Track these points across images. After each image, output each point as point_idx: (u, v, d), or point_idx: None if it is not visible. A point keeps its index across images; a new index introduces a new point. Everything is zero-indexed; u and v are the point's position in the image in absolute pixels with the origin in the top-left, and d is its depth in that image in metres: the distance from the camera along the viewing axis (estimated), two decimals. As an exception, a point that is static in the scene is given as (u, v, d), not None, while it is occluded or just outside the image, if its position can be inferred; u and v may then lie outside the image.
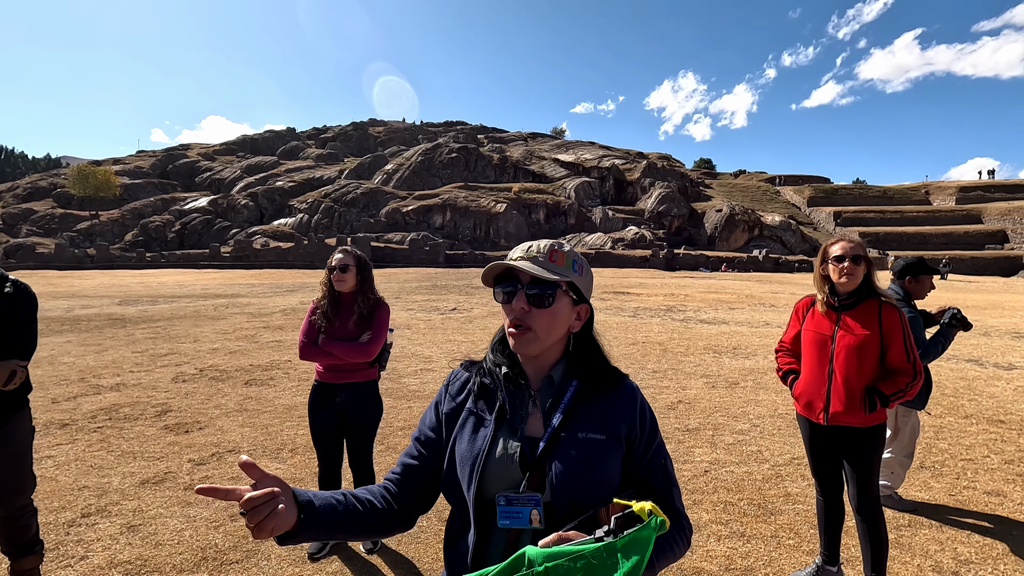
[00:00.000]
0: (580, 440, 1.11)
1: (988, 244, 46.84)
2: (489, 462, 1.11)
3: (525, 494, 1.07)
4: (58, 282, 25.20)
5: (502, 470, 1.10)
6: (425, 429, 1.25)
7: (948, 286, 27.31)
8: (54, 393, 6.05)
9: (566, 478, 1.07)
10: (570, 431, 1.12)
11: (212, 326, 11.13)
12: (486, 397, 1.19)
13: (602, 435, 1.12)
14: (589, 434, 1.12)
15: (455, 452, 1.17)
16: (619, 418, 1.16)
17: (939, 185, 63.68)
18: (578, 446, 1.10)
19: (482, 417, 1.17)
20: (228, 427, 4.97)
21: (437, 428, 1.23)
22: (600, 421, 1.14)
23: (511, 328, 1.14)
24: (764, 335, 10.38)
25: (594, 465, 1.10)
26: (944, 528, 3.28)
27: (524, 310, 1.12)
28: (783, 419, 5.30)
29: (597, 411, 1.15)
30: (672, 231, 51.62)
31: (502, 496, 1.08)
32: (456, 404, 1.22)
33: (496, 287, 1.17)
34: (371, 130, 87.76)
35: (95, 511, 3.38)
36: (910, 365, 2.39)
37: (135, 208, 53.18)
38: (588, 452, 1.10)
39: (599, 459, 1.11)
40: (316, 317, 3.01)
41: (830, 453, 2.59)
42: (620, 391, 1.20)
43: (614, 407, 1.17)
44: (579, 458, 1.09)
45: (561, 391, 1.16)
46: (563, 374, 1.18)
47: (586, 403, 1.16)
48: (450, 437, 1.20)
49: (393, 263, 40.08)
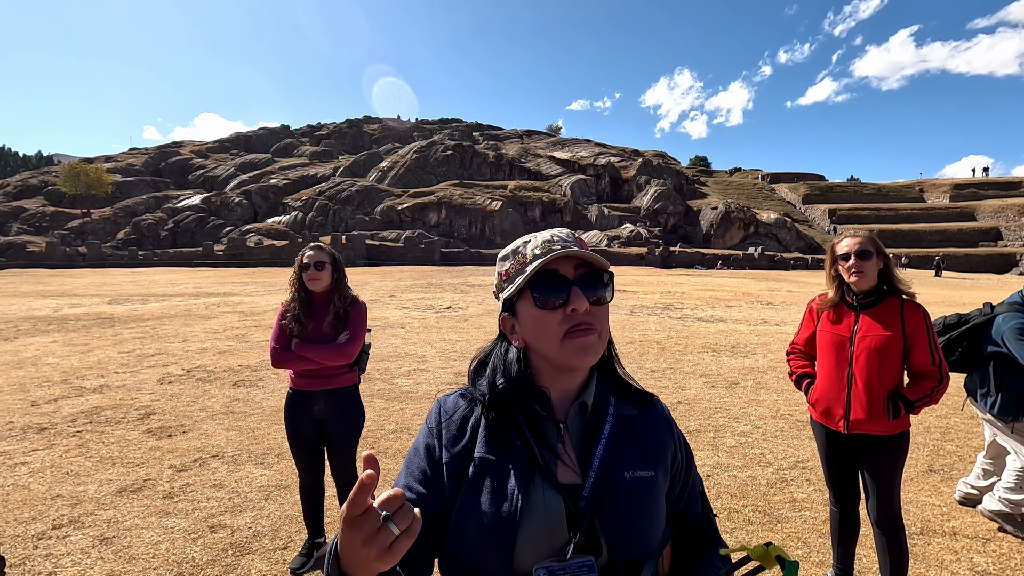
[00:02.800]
0: (629, 481, 0.91)
1: (982, 241, 47.04)
2: (524, 526, 0.86)
3: (575, 560, 0.85)
4: (48, 281, 24.87)
5: (542, 534, 0.86)
6: (414, 484, 0.92)
7: (943, 283, 27.35)
8: (35, 395, 5.86)
9: (623, 531, 0.88)
10: (615, 471, 0.91)
11: (202, 325, 10.92)
12: (499, 437, 0.92)
13: (651, 471, 0.93)
14: (637, 472, 0.92)
15: (466, 517, 0.88)
16: (663, 447, 0.98)
17: (933, 183, 63.89)
18: (627, 487, 0.91)
19: (503, 466, 0.90)
20: (213, 431, 4.79)
21: (434, 481, 0.92)
22: (646, 454, 0.95)
23: (577, 333, 0.88)
24: (762, 333, 10.26)
25: (649, 509, 0.91)
26: (958, 536, 3.15)
27: (589, 310, 0.89)
28: (785, 420, 5.17)
29: (639, 441, 0.96)
30: (668, 229, 51.59)
31: (542, 569, 0.84)
32: (460, 449, 0.93)
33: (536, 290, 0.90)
34: (366, 128, 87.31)
35: (67, 522, 3.20)
36: (936, 368, 2.23)
37: (127, 206, 52.68)
38: (640, 494, 0.91)
39: (652, 500, 0.92)
40: (287, 321, 2.79)
41: (848, 462, 2.43)
42: (654, 413, 1.00)
43: (655, 434, 0.98)
44: (632, 503, 0.90)
45: (597, 420, 0.95)
46: (597, 398, 0.97)
47: (626, 432, 0.96)
48: (455, 494, 0.91)
49: (388, 261, 39.84)
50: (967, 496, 3.56)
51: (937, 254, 40.28)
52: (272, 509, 3.39)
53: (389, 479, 3.86)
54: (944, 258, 39.37)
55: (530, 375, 0.96)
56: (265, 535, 3.10)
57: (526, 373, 0.96)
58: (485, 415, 0.94)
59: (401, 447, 4.43)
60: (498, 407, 0.94)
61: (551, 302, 0.89)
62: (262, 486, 3.72)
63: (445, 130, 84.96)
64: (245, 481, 3.79)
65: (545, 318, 0.89)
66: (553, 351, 0.90)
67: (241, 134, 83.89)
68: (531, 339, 0.94)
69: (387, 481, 3.83)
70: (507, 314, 0.98)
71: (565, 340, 0.88)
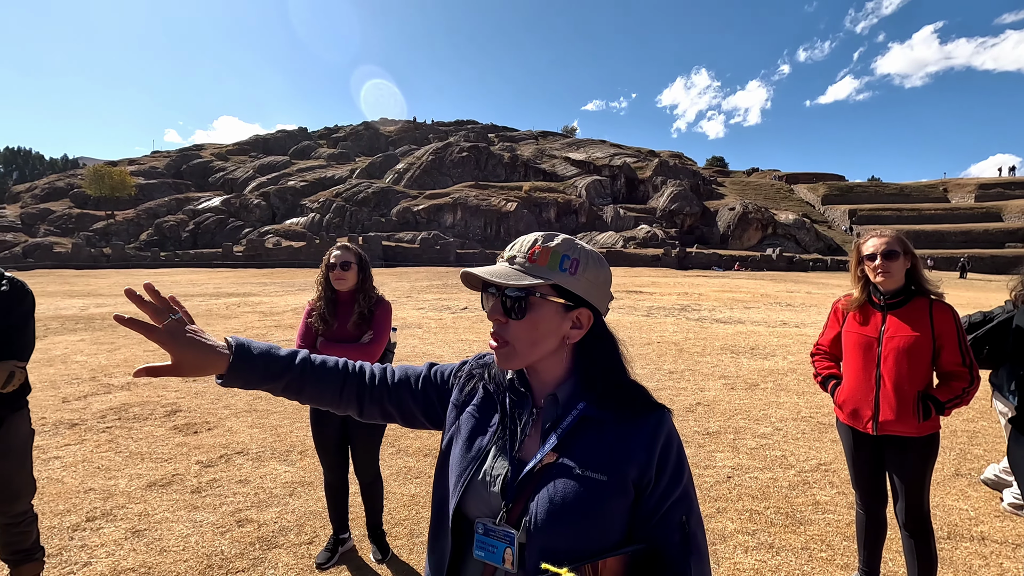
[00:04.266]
0: (576, 476, 0.91)
1: (1008, 242, 45.87)
2: (473, 480, 0.98)
3: (501, 528, 0.93)
4: (74, 281, 25.49)
5: (483, 492, 0.97)
6: (443, 374, 1.16)
7: (968, 285, 26.75)
8: (65, 392, 6.02)
9: (548, 519, 0.89)
10: (565, 463, 0.93)
11: (224, 325, 11.11)
12: (488, 404, 1.06)
13: (603, 475, 0.91)
14: (588, 471, 0.91)
15: (445, 449, 1.07)
16: (629, 457, 0.93)
17: (958, 182, 62.54)
18: (571, 483, 0.91)
19: (482, 425, 1.03)
20: (237, 428, 4.89)
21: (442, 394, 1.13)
22: (604, 457, 0.93)
23: (491, 342, 1.00)
24: (782, 335, 10.14)
25: (587, 510, 0.90)
26: (986, 542, 3.09)
27: (500, 321, 0.97)
28: (806, 422, 5.11)
29: (603, 444, 0.94)
30: (684, 230, 51.18)
31: (480, 523, 0.95)
32: (463, 397, 1.09)
33: (482, 294, 1.03)
34: (382, 129, 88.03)
35: (100, 515, 3.30)
36: (966, 369, 2.20)
37: (150, 208, 53.76)
38: (582, 492, 0.90)
39: (594, 504, 0.90)
40: (313, 319, 2.82)
41: (876, 464, 2.40)
42: (638, 423, 0.96)
43: (626, 442, 0.94)
44: (569, 498, 0.90)
45: (563, 413, 0.98)
46: (570, 394, 0.99)
47: (591, 432, 0.95)
48: (449, 426, 1.09)
49: (404, 262, 40.11)
50: (992, 481, 3.68)
51: (962, 255, 39.41)
52: (297, 505, 3.45)
53: (411, 476, 3.90)
54: (969, 259, 38.51)
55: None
56: (291, 530, 3.16)
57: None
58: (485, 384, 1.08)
59: (422, 445, 4.48)
60: (491, 380, 1.07)
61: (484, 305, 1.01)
62: (286, 482, 3.78)
63: (461, 132, 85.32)
64: (270, 477, 3.86)
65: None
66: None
67: (260, 136, 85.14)
68: None
69: (408, 477, 3.87)
70: None
71: (490, 344, 1.01)
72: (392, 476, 3.88)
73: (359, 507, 3.20)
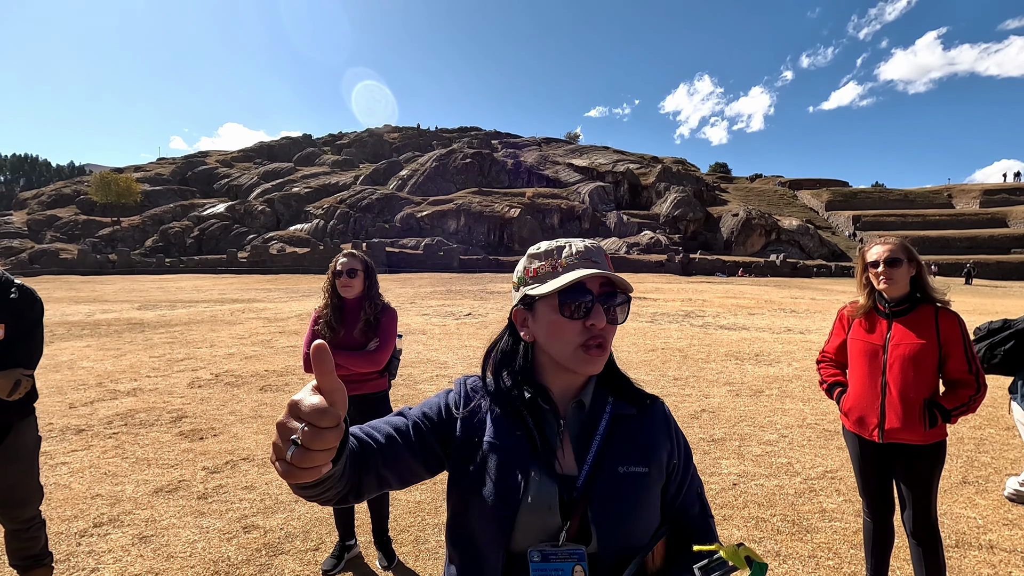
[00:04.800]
0: (622, 476, 0.95)
1: (1014, 248, 45.68)
2: (522, 510, 0.91)
3: (566, 547, 0.90)
4: (80, 287, 25.63)
5: (537, 519, 0.91)
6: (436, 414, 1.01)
7: (973, 291, 26.63)
8: (72, 398, 6.05)
9: (613, 523, 0.92)
10: (609, 465, 0.96)
11: (228, 331, 11.16)
12: (505, 426, 0.98)
13: (644, 467, 0.97)
14: (631, 467, 0.96)
15: (472, 496, 0.95)
16: (658, 445, 1.01)
17: (962, 188, 62.37)
18: (620, 483, 0.95)
19: (510, 451, 0.95)
20: (242, 434, 4.90)
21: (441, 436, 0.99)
22: (640, 451, 0.99)
23: (592, 348, 0.94)
24: (786, 341, 10.12)
25: (640, 503, 0.95)
26: (995, 550, 3.07)
27: (611, 327, 0.96)
28: (812, 429, 5.09)
29: (635, 439, 1.00)
30: (688, 236, 51.16)
31: (536, 551, 0.90)
32: (473, 429, 0.99)
33: (564, 298, 0.95)
34: (386, 136, 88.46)
35: (107, 520, 3.31)
36: (972, 376, 2.19)
37: (155, 214, 54.10)
38: (632, 489, 0.95)
39: (644, 496, 0.96)
40: (319, 326, 2.85)
41: (882, 472, 2.40)
42: (653, 413, 1.05)
43: (651, 433, 1.02)
44: (624, 497, 0.94)
45: (594, 417, 1.00)
46: (593, 396, 1.02)
47: (622, 430, 1.00)
48: (462, 463, 0.98)
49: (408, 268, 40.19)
50: (1015, 495, 3.63)
51: (967, 261, 39.24)
52: (303, 511, 3.46)
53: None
54: (975, 265, 38.33)
55: (533, 370, 1.02)
56: (297, 536, 3.16)
57: (530, 368, 1.02)
58: (495, 405, 1.00)
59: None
60: (503, 401, 1.00)
61: (575, 313, 0.94)
62: (292, 488, 3.79)
63: (464, 138, 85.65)
64: (276, 483, 3.87)
65: (566, 326, 0.95)
66: (564, 356, 0.96)
67: (264, 143, 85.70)
68: (543, 339, 0.99)
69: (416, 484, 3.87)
70: (522, 307, 1.03)
71: (578, 351, 0.95)
72: (397, 483, 3.89)
73: (365, 514, 3.21)
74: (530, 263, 1.02)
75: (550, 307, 0.96)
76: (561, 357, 0.96)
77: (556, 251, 0.99)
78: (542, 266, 0.99)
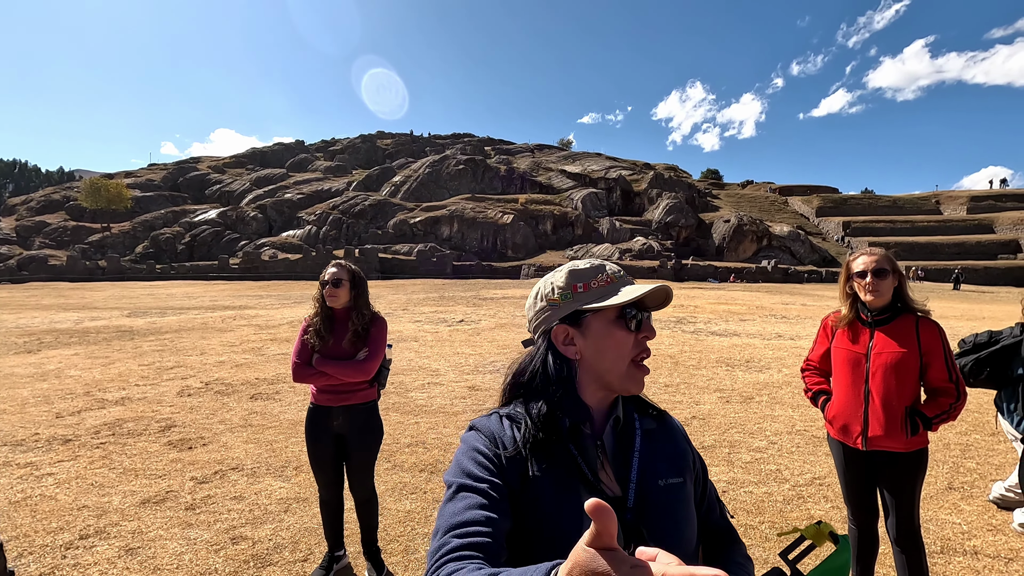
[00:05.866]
0: (664, 489, 0.96)
1: (1001, 254, 46.24)
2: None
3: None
4: (69, 294, 25.38)
5: None
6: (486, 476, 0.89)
7: (962, 296, 26.91)
8: (59, 407, 5.99)
9: (670, 537, 0.93)
10: (651, 480, 0.96)
11: (219, 338, 11.09)
12: (547, 456, 0.92)
13: (680, 478, 1.00)
14: (669, 479, 0.98)
15: (529, 538, 0.88)
16: (684, 454, 1.04)
17: (950, 195, 63.11)
18: (665, 496, 0.96)
19: (556, 484, 0.90)
20: (232, 443, 4.87)
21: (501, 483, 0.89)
22: (672, 462, 1.01)
23: (641, 363, 0.97)
24: (777, 347, 10.18)
25: (684, 513, 0.97)
26: (980, 556, 3.11)
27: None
28: (801, 436, 5.13)
29: (665, 451, 1.02)
30: (680, 242, 51.41)
31: None
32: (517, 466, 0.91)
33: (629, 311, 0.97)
34: (379, 142, 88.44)
35: (93, 532, 3.28)
36: (953, 384, 2.24)
37: (146, 220, 53.72)
38: (675, 500, 0.97)
39: (686, 506, 0.98)
40: (309, 336, 2.85)
41: (866, 480, 2.43)
42: (670, 425, 1.07)
43: (676, 443, 1.05)
44: (672, 510, 0.95)
45: (627, 433, 1.00)
46: (625, 413, 1.02)
47: (652, 444, 1.01)
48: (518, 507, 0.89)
49: (401, 274, 40.11)
50: (1000, 499, 3.69)
51: (955, 267, 39.67)
52: (292, 521, 3.44)
53: (406, 491, 3.90)
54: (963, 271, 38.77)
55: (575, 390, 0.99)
56: (285, 547, 3.15)
57: (573, 389, 0.98)
58: (535, 435, 0.93)
59: (417, 460, 4.47)
60: (548, 429, 0.94)
61: (634, 326, 0.97)
62: (281, 499, 3.77)
63: (457, 144, 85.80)
64: (265, 493, 3.85)
65: (625, 340, 0.96)
66: (618, 372, 0.96)
67: (256, 149, 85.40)
68: (596, 355, 0.97)
69: (403, 492, 3.86)
70: (567, 324, 0.98)
71: (631, 366, 0.97)
72: (387, 492, 3.88)
73: (354, 523, 3.20)
74: (577, 280, 0.99)
75: (606, 320, 0.97)
76: (613, 373, 0.96)
77: (601, 268, 1.01)
78: (596, 280, 0.98)
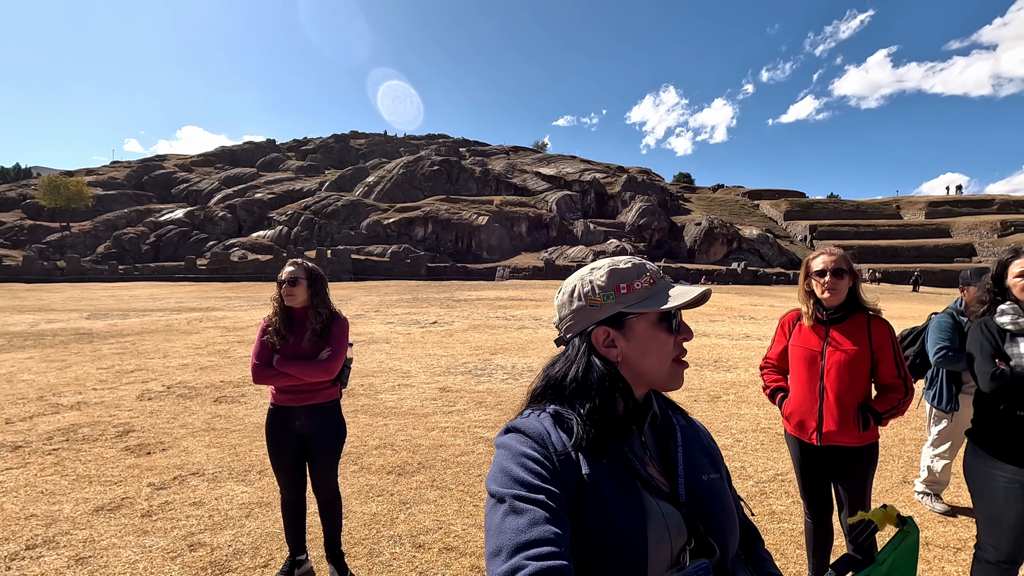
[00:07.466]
0: (707, 483, 0.96)
1: (957, 257, 48.21)
2: (651, 540, 0.84)
3: (692, 565, 0.86)
4: (25, 295, 24.38)
5: (665, 544, 0.85)
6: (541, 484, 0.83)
7: (919, 297, 27.95)
8: (9, 413, 5.74)
9: (721, 529, 0.92)
10: (694, 474, 0.96)
11: (184, 340, 10.79)
12: (600, 454, 0.89)
13: (717, 473, 1.00)
14: (710, 475, 0.98)
15: (591, 541, 0.83)
16: (716, 450, 1.05)
17: (909, 200, 65.54)
18: (707, 489, 0.95)
19: (612, 484, 0.87)
20: (193, 448, 4.74)
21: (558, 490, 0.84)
22: (708, 457, 1.01)
23: (681, 361, 0.98)
24: (745, 347, 10.40)
25: (729, 505, 0.97)
26: (930, 547, 3.22)
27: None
28: (765, 433, 5.24)
29: (699, 447, 1.02)
30: (653, 244, 52.15)
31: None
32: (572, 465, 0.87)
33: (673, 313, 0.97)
34: (352, 142, 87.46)
35: (41, 542, 3.14)
36: (901, 381, 2.32)
37: (108, 220, 52.00)
38: (717, 493, 0.96)
39: (728, 498, 0.98)
40: (268, 336, 2.79)
41: (821, 474, 2.49)
42: (694, 421, 1.08)
43: (705, 439, 1.05)
44: (719, 503, 0.95)
45: (666, 429, 1.00)
46: (661, 410, 1.03)
47: (688, 440, 1.01)
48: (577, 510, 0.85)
49: (374, 276, 39.69)
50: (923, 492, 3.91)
51: (915, 269, 41.18)
52: (253, 527, 3.36)
53: (372, 494, 3.84)
54: (921, 273, 40.25)
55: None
56: (245, 553, 3.07)
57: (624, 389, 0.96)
58: (587, 435, 0.89)
59: (385, 463, 4.42)
60: (595, 423, 0.90)
61: (676, 328, 0.97)
62: (243, 503, 3.68)
63: (432, 145, 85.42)
64: (226, 499, 3.75)
65: (668, 341, 0.96)
66: (660, 372, 0.96)
67: (226, 148, 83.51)
68: (639, 356, 0.95)
69: (370, 495, 3.81)
70: (607, 326, 0.97)
71: (673, 366, 0.97)
72: (353, 494, 3.82)
73: (317, 527, 3.14)
74: (620, 280, 0.97)
75: (649, 323, 0.96)
76: (656, 373, 0.96)
77: (642, 267, 0.99)
78: (639, 281, 0.97)
